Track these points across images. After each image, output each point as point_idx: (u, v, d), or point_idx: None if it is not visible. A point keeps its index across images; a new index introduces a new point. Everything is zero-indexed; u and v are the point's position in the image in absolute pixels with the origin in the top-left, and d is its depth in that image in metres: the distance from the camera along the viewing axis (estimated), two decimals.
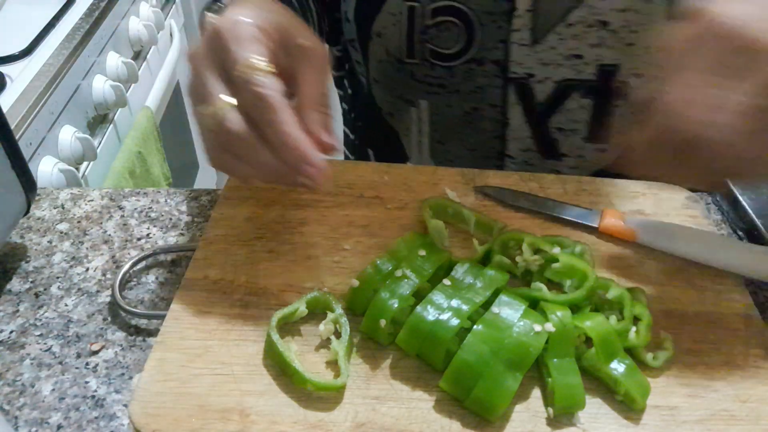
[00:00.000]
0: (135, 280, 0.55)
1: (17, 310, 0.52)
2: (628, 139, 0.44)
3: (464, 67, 0.65)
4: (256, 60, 0.42)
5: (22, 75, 1.00)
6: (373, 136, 0.80)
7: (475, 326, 0.42)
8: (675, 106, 0.41)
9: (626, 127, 0.60)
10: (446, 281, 0.46)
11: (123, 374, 0.47)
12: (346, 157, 0.88)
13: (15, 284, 0.54)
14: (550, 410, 0.41)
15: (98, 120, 1.19)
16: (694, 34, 0.41)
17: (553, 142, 0.69)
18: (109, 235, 0.59)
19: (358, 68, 0.75)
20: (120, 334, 0.50)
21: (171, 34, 1.56)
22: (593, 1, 0.59)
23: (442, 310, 0.43)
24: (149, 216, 0.61)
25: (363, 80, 0.75)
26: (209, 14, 0.55)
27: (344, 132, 0.87)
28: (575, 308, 0.46)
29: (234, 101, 0.43)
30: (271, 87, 0.42)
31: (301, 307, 0.46)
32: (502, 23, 0.62)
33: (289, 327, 0.46)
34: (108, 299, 0.53)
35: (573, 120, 0.67)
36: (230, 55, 0.43)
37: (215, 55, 0.44)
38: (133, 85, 1.29)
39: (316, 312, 0.47)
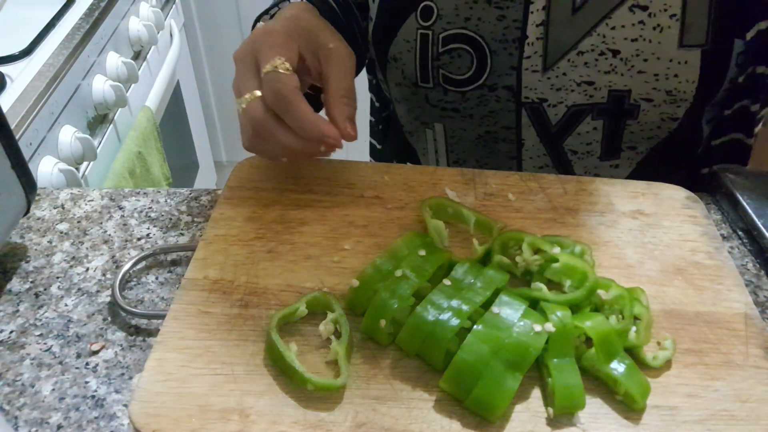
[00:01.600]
0: (135, 280, 0.55)
1: (17, 310, 0.52)
2: None
3: (477, 92, 0.66)
4: (279, 62, 0.51)
5: (22, 75, 1.00)
6: (395, 150, 0.82)
7: (475, 326, 0.42)
8: None
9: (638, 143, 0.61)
10: (446, 281, 0.46)
11: (123, 374, 0.47)
12: None
13: (15, 284, 0.54)
14: (550, 410, 0.41)
15: (98, 120, 1.19)
16: None
17: (569, 163, 0.69)
18: (109, 235, 0.59)
19: (382, 85, 0.77)
20: (120, 334, 0.50)
21: (171, 34, 1.56)
22: (604, 30, 0.60)
23: (442, 310, 0.43)
24: (149, 216, 0.61)
25: (388, 96, 0.77)
26: (260, 23, 0.63)
27: (370, 143, 0.88)
28: (575, 308, 0.46)
29: (259, 94, 0.52)
30: (286, 83, 0.50)
31: (301, 307, 0.46)
32: (513, 51, 0.63)
33: (289, 327, 0.46)
34: (108, 299, 0.53)
35: (586, 142, 0.67)
36: (261, 58, 0.52)
37: (252, 57, 0.53)
38: (133, 85, 1.29)
39: (316, 312, 0.47)
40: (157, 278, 0.55)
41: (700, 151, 0.70)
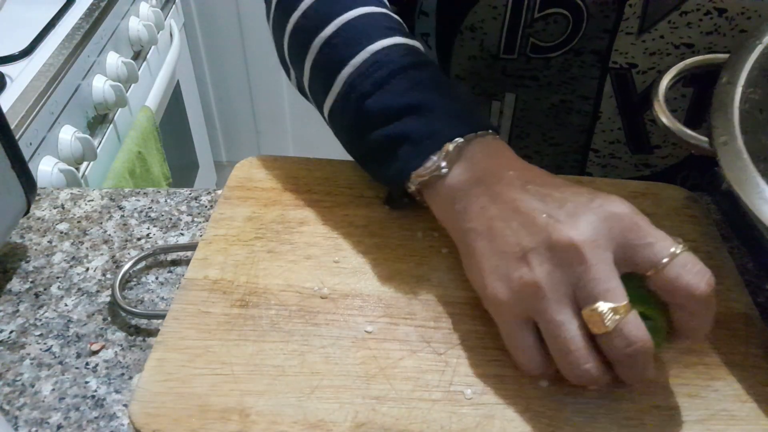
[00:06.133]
0: (135, 280, 0.55)
1: (17, 310, 0.52)
2: None
3: (561, 58, 0.62)
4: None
5: (22, 75, 1.00)
6: None
7: None
8: None
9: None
10: None
11: (123, 374, 0.47)
12: None
13: (15, 284, 0.54)
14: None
15: (98, 120, 1.19)
16: None
17: (645, 135, 0.66)
18: (109, 235, 0.59)
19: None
20: (120, 334, 0.50)
21: (171, 34, 1.56)
22: None
23: None
24: (149, 216, 0.61)
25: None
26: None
27: None
28: None
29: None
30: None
31: None
32: (609, 12, 0.59)
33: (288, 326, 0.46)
34: (108, 299, 0.53)
35: (671, 110, 0.63)
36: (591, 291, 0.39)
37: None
38: (133, 85, 1.29)
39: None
40: (157, 278, 0.55)
41: None
